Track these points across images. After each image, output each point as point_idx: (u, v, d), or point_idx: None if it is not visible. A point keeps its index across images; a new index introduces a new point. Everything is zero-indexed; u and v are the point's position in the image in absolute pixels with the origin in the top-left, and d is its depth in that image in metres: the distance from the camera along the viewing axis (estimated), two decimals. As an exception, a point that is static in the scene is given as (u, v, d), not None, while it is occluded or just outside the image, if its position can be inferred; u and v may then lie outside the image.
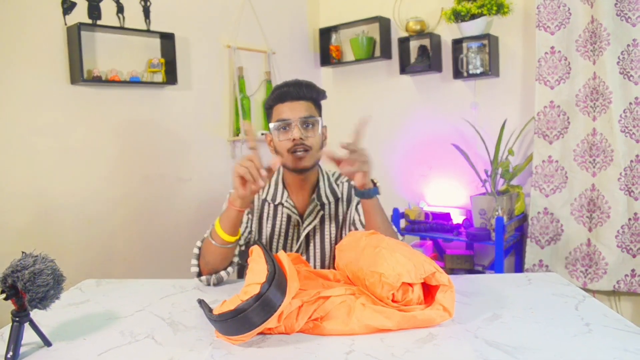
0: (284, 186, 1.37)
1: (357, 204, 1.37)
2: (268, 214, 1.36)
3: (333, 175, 1.42)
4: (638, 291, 2.09)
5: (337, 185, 1.39)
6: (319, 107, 1.35)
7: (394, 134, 2.82)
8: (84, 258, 2.09)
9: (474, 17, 2.38)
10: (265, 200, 1.37)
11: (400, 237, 1.33)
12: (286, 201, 1.34)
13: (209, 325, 0.98)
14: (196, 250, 1.27)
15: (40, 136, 1.97)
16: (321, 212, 1.35)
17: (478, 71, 2.42)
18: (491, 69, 2.40)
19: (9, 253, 1.05)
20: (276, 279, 0.88)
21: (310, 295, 0.97)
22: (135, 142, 2.25)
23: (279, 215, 1.36)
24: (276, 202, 1.36)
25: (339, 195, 1.37)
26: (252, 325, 0.87)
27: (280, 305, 0.87)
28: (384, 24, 2.74)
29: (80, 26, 1.96)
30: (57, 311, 1.09)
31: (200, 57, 2.48)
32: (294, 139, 1.25)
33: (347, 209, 1.38)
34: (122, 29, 2.14)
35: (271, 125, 1.30)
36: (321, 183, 1.37)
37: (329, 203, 1.36)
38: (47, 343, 0.91)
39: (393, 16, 2.76)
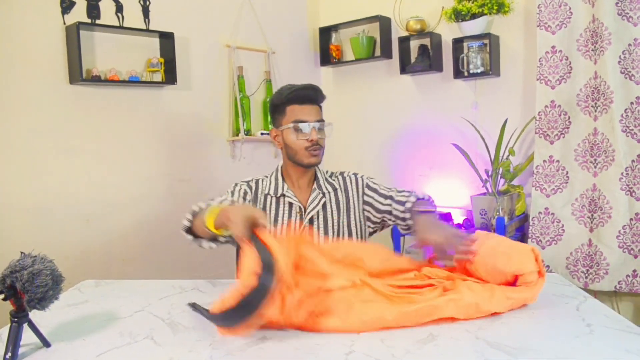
0: (283, 179, 1.49)
1: (364, 193, 1.50)
2: (270, 206, 1.47)
3: (327, 172, 1.56)
4: (639, 292, 2.09)
5: (334, 179, 1.53)
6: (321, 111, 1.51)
7: (394, 133, 2.82)
8: (83, 258, 2.08)
9: (474, 16, 2.38)
10: (267, 194, 1.47)
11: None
12: (287, 191, 1.46)
13: (208, 326, 0.98)
14: (196, 208, 1.31)
15: (38, 136, 1.96)
16: (323, 199, 1.47)
17: (479, 71, 2.42)
18: (492, 69, 2.40)
19: (8, 253, 1.05)
20: (266, 264, 0.89)
21: (311, 287, 0.97)
22: (134, 142, 2.24)
23: (281, 205, 1.46)
24: (278, 195, 1.46)
25: (337, 187, 1.51)
26: (253, 308, 0.87)
27: (273, 284, 0.87)
28: (384, 23, 2.74)
29: (79, 25, 1.95)
30: (56, 312, 1.09)
31: (200, 56, 2.47)
32: (311, 140, 1.41)
33: (346, 197, 1.50)
34: (121, 28, 2.14)
35: (288, 125, 1.42)
36: (319, 176, 1.51)
37: (329, 192, 1.49)
38: (46, 344, 0.91)
39: (393, 15, 2.76)
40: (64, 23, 2.00)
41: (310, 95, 1.43)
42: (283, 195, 1.46)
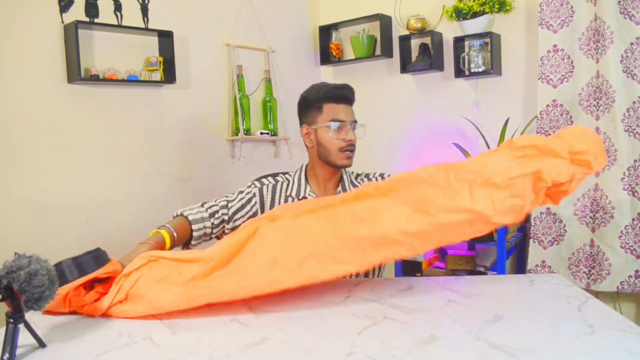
0: (307, 180, 1.48)
1: None
2: None
3: (352, 173, 1.53)
4: (641, 291, 2.08)
5: (358, 182, 1.52)
6: None
7: (395, 133, 2.81)
8: (83, 258, 2.07)
9: (475, 15, 2.37)
10: (289, 195, 1.46)
11: None
12: (310, 194, 1.45)
13: (208, 327, 0.98)
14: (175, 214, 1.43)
15: (36, 135, 1.95)
16: None
17: (480, 70, 2.41)
18: (493, 68, 2.39)
19: (6, 253, 1.04)
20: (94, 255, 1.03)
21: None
22: (133, 141, 2.24)
23: None
24: (300, 196, 1.44)
25: None
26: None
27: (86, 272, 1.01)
28: (385, 22, 2.73)
29: (77, 24, 1.94)
30: (53, 312, 1.08)
31: (199, 55, 2.46)
32: (349, 140, 1.39)
33: None
34: (119, 27, 2.13)
35: (325, 123, 1.40)
36: (345, 177, 1.50)
37: None
38: (42, 344, 0.90)
39: (394, 14, 2.75)
40: (62, 22, 2.00)
41: (348, 95, 1.42)
42: (305, 197, 1.44)
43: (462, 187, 0.99)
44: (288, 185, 1.48)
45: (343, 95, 1.41)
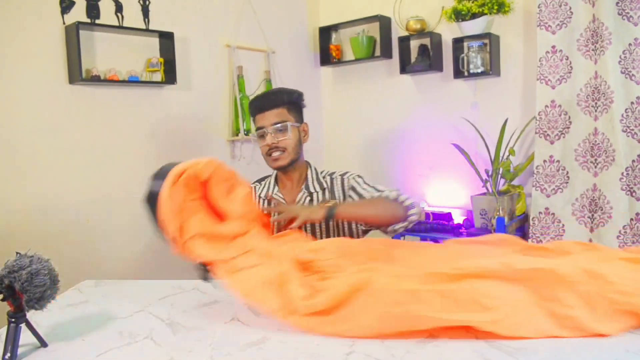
0: (276, 182, 1.56)
1: (351, 187, 1.51)
2: (263, 208, 1.53)
3: (321, 173, 1.57)
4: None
5: (324, 179, 1.54)
6: (295, 109, 1.50)
7: (394, 133, 2.82)
8: (83, 258, 2.08)
9: (474, 16, 2.38)
10: (259, 195, 1.57)
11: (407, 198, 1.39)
12: (275, 194, 1.53)
13: (208, 326, 0.99)
14: None
15: (38, 135, 1.96)
16: (308, 199, 1.50)
17: (479, 70, 2.42)
18: (492, 69, 2.40)
19: (7, 253, 1.04)
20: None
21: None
22: (134, 141, 2.24)
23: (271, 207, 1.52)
24: (268, 197, 1.53)
25: (325, 186, 1.52)
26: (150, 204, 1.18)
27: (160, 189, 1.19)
28: (385, 23, 2.73)
29: (78, 25, 1.95)
30: (55, 312, 1.09)
31: (200, 56, 2.47)
32: (268, 145, 1.47)
33: (332, 198, 1.52)
34: (120, 28, 2.13)
35: (254, 133, 1.52)
36: (309, 176, 1.54)
37: (317, 192, 1.52)
38: (43, 344, 0.91)
39: (393, 15, 2.76)
40: (64, 23, 2.00)
41: (264, 103, 1.46)
42: (272, 197, 1.52)
43: None
44: (262, 186, 1.59)
45: (258, 105, 1.47)
